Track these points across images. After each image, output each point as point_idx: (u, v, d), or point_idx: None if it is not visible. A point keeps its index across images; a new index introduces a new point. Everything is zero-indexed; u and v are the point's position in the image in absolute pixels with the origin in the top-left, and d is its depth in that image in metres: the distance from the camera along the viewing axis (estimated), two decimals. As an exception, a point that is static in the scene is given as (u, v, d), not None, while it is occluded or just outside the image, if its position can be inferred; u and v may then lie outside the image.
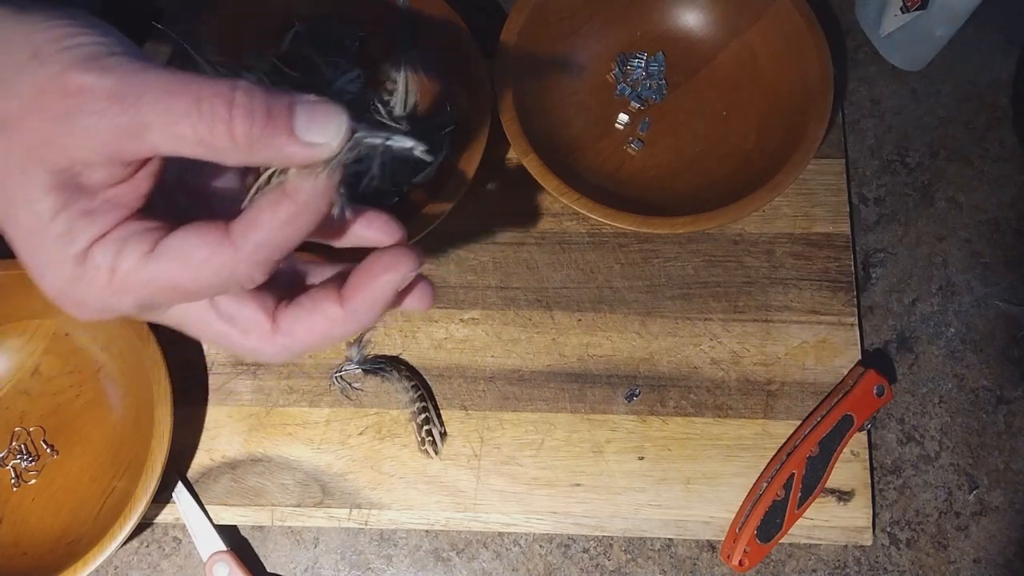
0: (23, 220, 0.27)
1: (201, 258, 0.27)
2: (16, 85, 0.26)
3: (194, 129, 0.26)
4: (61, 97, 0.26)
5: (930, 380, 0.55)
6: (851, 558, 0.51)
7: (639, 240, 0.56)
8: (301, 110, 0.26)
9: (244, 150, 0.26)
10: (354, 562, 0.52)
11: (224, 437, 0.53)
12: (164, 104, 0.25)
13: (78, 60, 0.26)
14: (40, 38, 0.26)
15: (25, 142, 0.26)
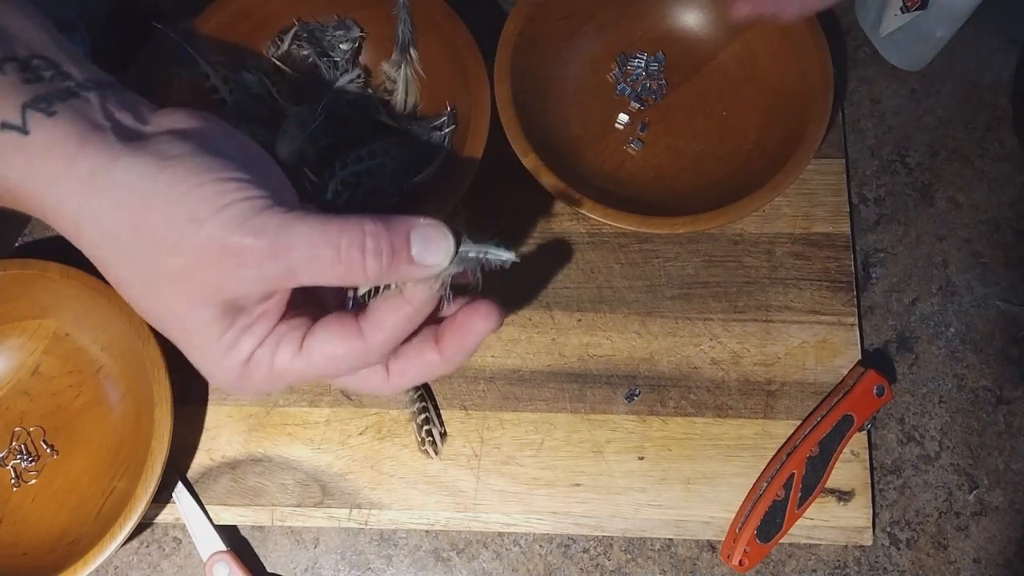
0: (196, 340, 0.33)
1: (341, 355, 0.34)
2: (180, 246, 0.31)
3: (335, 271, 0.32)
4: (223, 256, 0.31)
5: (930, 380, 0.55)
6: (851, 558, 0.51)
7: (639, 240, 0.56)
8: (416, 238, 0.33)
9: (374, 280, 0.33)
10: (354, 562, 0.52)
11: (224, 437, 0.53)
12: (310, 257, 0.31)
13: (233, 224, 0.31)
14: (193, 200, 0.31)
15: (195, 289, 0.32)
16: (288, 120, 0.54)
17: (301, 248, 0.31)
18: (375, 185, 0.53)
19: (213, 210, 0.31)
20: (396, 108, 0.56)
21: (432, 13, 0.54)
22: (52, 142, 0.31)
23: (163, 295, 0.32)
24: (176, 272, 0.31)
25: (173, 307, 0.33)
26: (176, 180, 0.31)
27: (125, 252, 0.32)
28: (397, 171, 0.53)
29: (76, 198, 0.31)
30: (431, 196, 0.51)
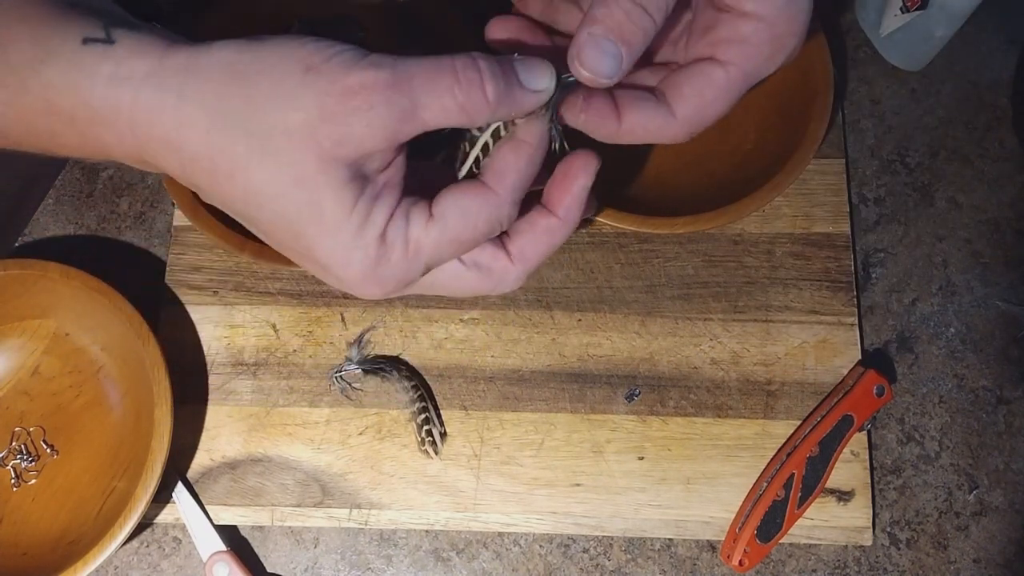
0: (328, 216, 0.31)
1: (475, 210, 0.33)
2: (298, 98, 0.29)
3: (456, 98, 0.30)
4: (346, 97, 0.29)
5: (930, 380, 0.55)
6: (851, 558, 0.51)
7: (639, 240, 0.56)
8: (519, 67, 0.32)
9: (493, 108, 0.31)
10: (354, 562, 0.52)
11: (224, 437, 0.53)
12: (432, 82, 0.30)
13: (350, 63, 0.30)
14: (302, 53, 0.30)
15: (319, 147, 0.30)
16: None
17: (420, 75, 0.30)
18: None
19: (326, 57, 0.30)
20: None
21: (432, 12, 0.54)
22: (139, 45, 0.30)
23: (287, 162, 0.30)
24: (299, 128, 0.30)
25: (300, 174, 0.30)
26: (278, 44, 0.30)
27: (240, 123, 0.30)
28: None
29: (174, 88, 0.30)
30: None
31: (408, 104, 0.30)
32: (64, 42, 0.30)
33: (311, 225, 0.31)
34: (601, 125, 0.35)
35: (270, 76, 0.30)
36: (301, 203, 0.31)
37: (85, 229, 0.58)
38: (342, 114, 0.30)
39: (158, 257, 0.57)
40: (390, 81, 0.30)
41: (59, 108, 0.30)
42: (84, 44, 0.30)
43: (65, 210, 0.59)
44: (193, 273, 0.56)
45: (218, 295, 0.56)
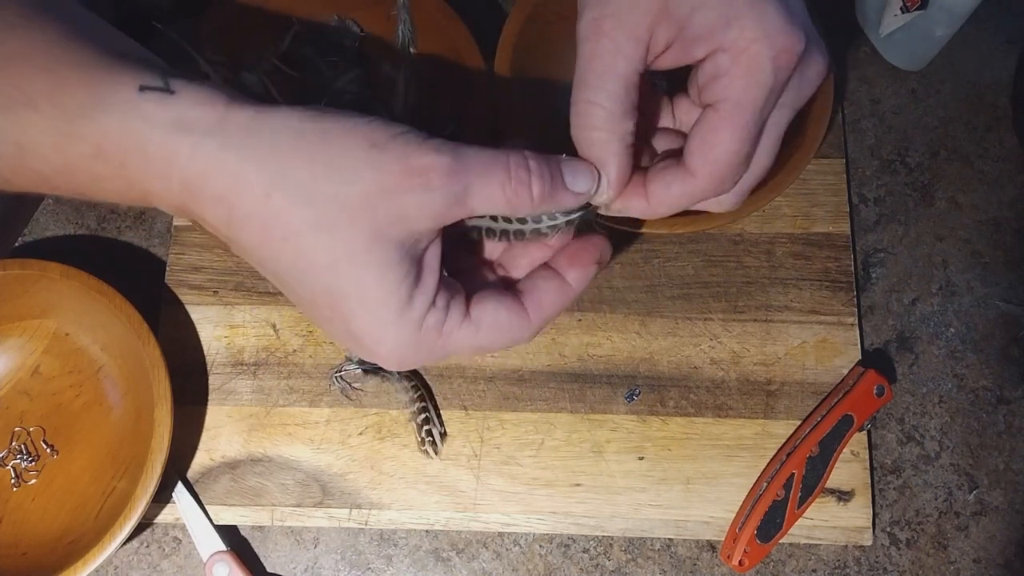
0: (371, 292, 0.31)
1: (507, 328, 0.35)
2: (360, 172, 0.30)
3: (504, 193, 0.33)
4: (407, 176, 0.31)
5: (930, 380, 0.55)
6: (851, 558, 0.51)
7: (639, 240, 0.56)
8: (567, 168, 0.35)
9: (536, 205, 0.34)
10: (354, 562, 0.52)
11: (224, 437, 0.53)
12: (486, 175, 0.32)
13: (413, 144, 0.31)
14: (367, 130, 0.31)
15: (375, 222, 0.31)
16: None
17: (476, 166, 0.32)
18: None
19: (390, 136, 0.31)
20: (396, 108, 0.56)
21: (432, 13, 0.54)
22: (200, 97, 0.30)
23: (341, 235, 0.30)
24: (358, 201, 0.30)
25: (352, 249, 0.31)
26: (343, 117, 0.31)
27: (301, 190, 0.30)
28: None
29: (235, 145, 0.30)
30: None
31: (462, 191, 0.32)
32: (120, 88, 0.30)
33: (352, 300, 0.32)
34: (633, 207, 0.38)
35: (335, 148, 0.30)
36: (348, 277, 0.31)
37: (85, 229, 0.58)
38: (400, 192, 0.31)
39: (158, 257, 0.57)
40: (450, 167, 0.31)
41: (109, 154, 0.30)
42: (141, 92, 0.30)
43: (65, 210, 0.59)
44: (193, 273, 0.56)
45: (218, 295, 0.56)
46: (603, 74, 0.35)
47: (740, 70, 0.34)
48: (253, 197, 0.30)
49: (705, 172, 0.35)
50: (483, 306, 0.35)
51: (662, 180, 0.37)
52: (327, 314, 0.33)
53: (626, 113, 0.36)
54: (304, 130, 0.30)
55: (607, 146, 0.36)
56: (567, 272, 0.37)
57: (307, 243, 0.31)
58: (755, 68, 0.33)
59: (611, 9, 0.35)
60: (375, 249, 0.31)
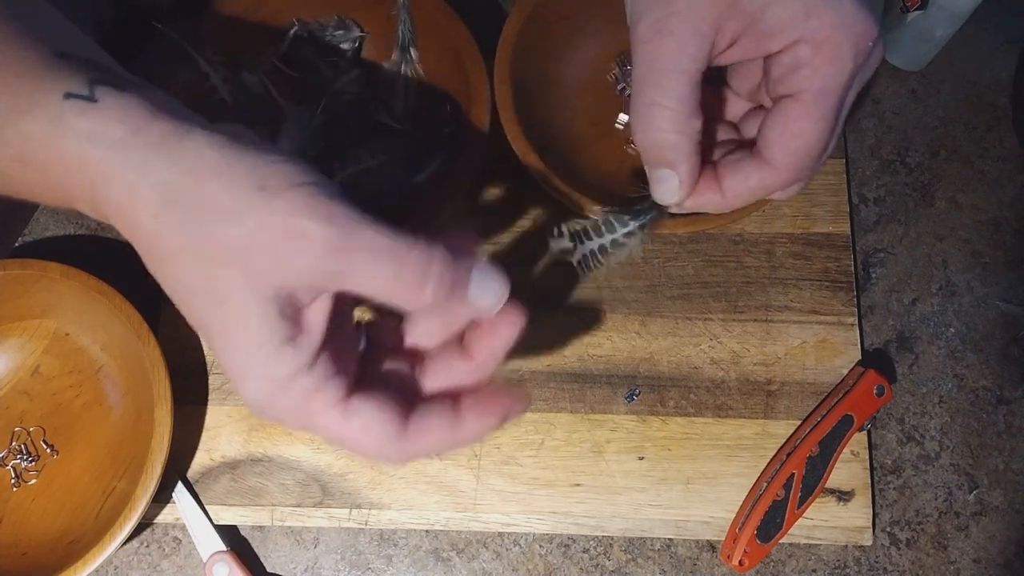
0: (239, 336, 0.30)
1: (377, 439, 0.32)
2: (243, 216, 0.29)
3: (391, 290, 0.30)
4: (286, 236, 0.29)
5: (930, 380, 0.55)
6: (851, 558, 0.51)
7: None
8: (476, 281, 0.31)
9: (423, 309, 0.31)
10: (354, 562, 0.52)
11: (224, 437, 0.53)
12: (372, 264, 0.29)
13: (303, 204, 0.29)
14: (265, 172, 0.29)
15: (248, 269, 0.29)
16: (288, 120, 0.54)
17: (365, 252, 0.29)
18: (375, 185, 0.53)
19: (285, 186, 0.29)
20: (396, 108, 0.56)
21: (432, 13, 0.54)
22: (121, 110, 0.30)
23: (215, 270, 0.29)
24: (234, 245, 0.29)
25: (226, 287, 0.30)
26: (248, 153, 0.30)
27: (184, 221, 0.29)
28: (397, 171, 0.53)
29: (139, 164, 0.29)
30: (431, 196, 0.51)
31: (339, 271, 0.29)
32: (47, 95, 0.30)
33: (222, 338, 0.31)
34: (707, 202, 0.37)
35: (228, 182, 0.29)
36: (219, 315, 0.30)
37: (85, 229, 0.58)
38: (275, 248, 0.29)
39: (158, 257, 0.57)
40: (333, 242, 0.29)
41: (32, 160, 0.31)
42: (65, 99, 0.30)
43: (65, 210, 0.59)
44: (193, 273, 0.56)
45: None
46: (668, 73, 0.35)
47: (823, 60, 0.34)
48: (144, 215, 0.30)
49: (787, 162, 0.35)
50: (365, 402, 0.32)
51: (739, 173, 0.36)
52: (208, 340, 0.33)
53: (693, 112, 0.35)
54: (208, 158, 0.30)
55: (678, 148, 0.35)
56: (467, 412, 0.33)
57: (185, 270, 0.30)
58: (838, 57, 0.34)
59: (675, 7, 0.34)
60: (245, 295, 0.30)
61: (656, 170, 0.37)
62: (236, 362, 0.31)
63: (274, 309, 0.30)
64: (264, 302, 0.30)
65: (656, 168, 0.37)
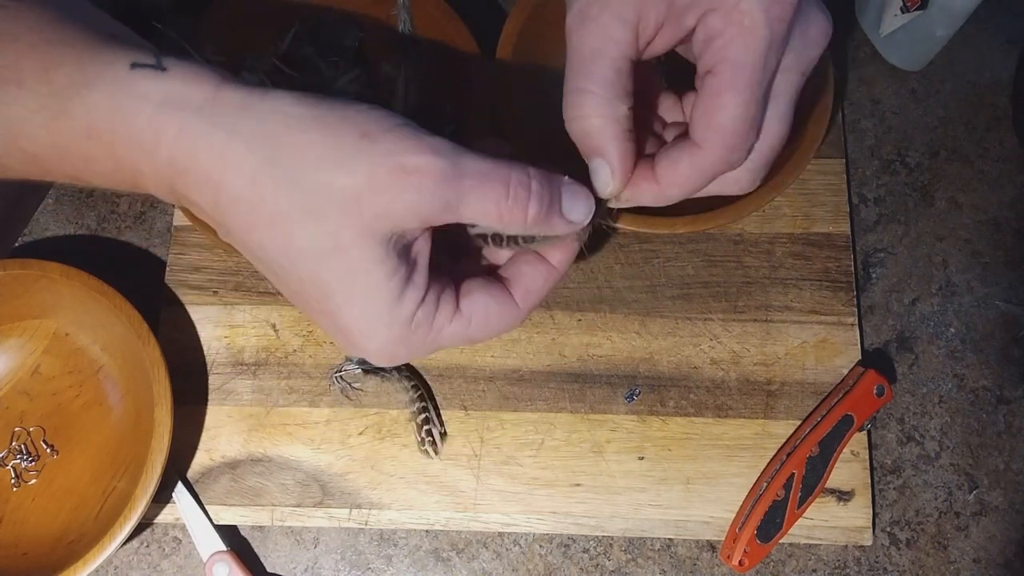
0: (360, 286, 0.31)
1: (497, 320, 0.35)
2: (352, 163, 0.29)
3: (498, 209, 0.31)
4: (397, 175, 0.29)
5: (930, 380, 0.55)
6: (851, 558, 0.51)
7: (639, 240, 0.56)
8: (566, 194, 0.34)
9: (528, 226, 0.33)
10: (354, 562, 0.52)
11: (224, 437, 0.53)
12: (482, 188, 0.31)
13: (411, 141, 0.30)
14: (363, 119, 0.30)
15: (363, 217, 0.29)
16: (288, 120, 0.54)
17: (474, 177, 0.31)
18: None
19: (386, 128, 0.30)
20: (396, 108, 0.56)
21: (432, 13, 0.54)
22: (192, 75, 0.30)
23: (329, 226, 0.29)
24: (346, 193, 0.29)
25: (340, 240, 0.29)
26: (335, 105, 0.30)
27: (289, 175, 0.29)
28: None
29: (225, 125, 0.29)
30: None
31: (454, 199, 0.30)
32: (111, 66, 0.30)
33: (342, 292, 0.31)
34: (643, 193, 0.36)
35: (326, 134, 0.29)
36: (337, 269, 0.30)
37: (85, 229, 0.58)
38: (390, 189, 0.29)
39: (158, 257, 0.57)
40: (445, 173, 0.30)
41: (99, 132, 0.30)
42: (132, 69, 0.29)
43: (65, 210, 0.59)
44: (193, 273, 0.56)
45: (218, 295, 0.56)
46: (592, 59, 0.34)
47: (734, 28, 0.32)
48: (241, 179, 0.29)
49: (712, 141, 0.34)
50: (472, 298, 0.34)
51: (671, 159, 0.35)
52: (316, 306, 0.32)
53: (619, 97, 0.34)
54: (297, 115, 0.29)
55: (603, 132, 0.35)
56: (550, 255, 0.36)
57: (294, 229, 0.30)
58: (749, 23, 0.32)
59: None
60: (363, 243, 0.30)
61: (591, 161, 0.36)
62: (360, 315, 0.31)
63: (392, 251, 0.30)
64: (383, 245, 0.30)
65: (590, 159, 0.36)
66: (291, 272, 0.31)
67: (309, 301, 0.32)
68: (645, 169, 0.36)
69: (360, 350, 0.33)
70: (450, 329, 0.34)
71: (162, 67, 0.30)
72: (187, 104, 0.29)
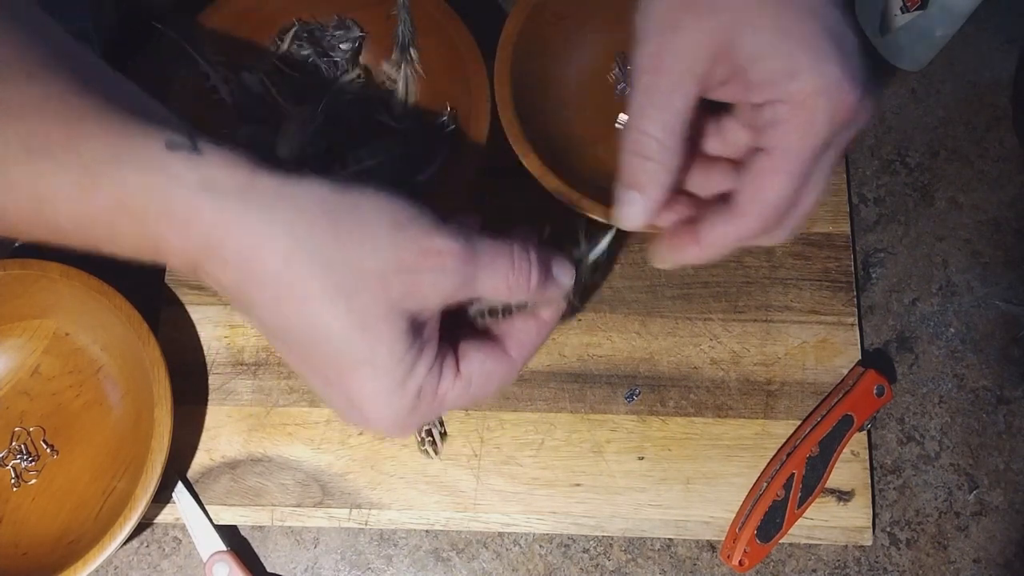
0: (380, 363, 0.33)
1: (496, 374, 0.37)
2: (383, 249, 0.32)
3: (507, 281, 0.35)
4: (422, 256, 0.32)
5: (930, 380, 0.55)
6: (851, 558, 0.51)
7: (639, 240, 0.56)
8: (555, 263, 0.38)
9: (530, 294, 0.37)
10: (354, 562, 0.52)
11: (224, 437, 0.53)
12: (493, 263, 0.35)
13: (433, 228, 0.33)
14: (392, 208, 0.33)
15: (390, 296, 0.32)
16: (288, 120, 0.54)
17: (486, 255, 0.34)
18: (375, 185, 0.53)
19: (411, 216, 0.33)
20: (396, 108, 0.56)
21: (432, 13, 0.54)
22: (228, 160, 0.31)
23: (358, 305, 0.32)
24: (376, 275, 0.32)
25: (367, 318, 0.32)
26: (368, 195, 0.32)
27: (323, 258, 0.31)
28: (397, 171, 0.53)
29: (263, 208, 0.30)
30: (431, 196, 0.51)
31: (471, 276, 0.34)
32: (144, 143, 0.30)
33: (362, 368, 0.33)
34: (684, 254, 0.39)
35: (361, 223, 0.32)
36: (359, 346, 0.32)
37: (85, 229, 0.58)
38: (416, 270, 0.32)
39: (158, 257, 0.57)
40: (463, 253, 0.33)
41: (131, 208, 0.30)
42: (168, 148, 0.30)
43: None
44: (193, 273, 0.56)
45: (218, 295, 0.55)
46: (661, 108, 0.36)
47: (797, 122, 0.34)
48: (275, 260, 0.31)
49: (756, 214, 0.37)
50: (470, 359, 0.37)
51: (713, 223, 0.38)
52: (329, 379, 0.34)
53: (677, 147, 0.37)
54: (333, 201, 0.32)
55: (654, 176, 0.37)
56: (539, 308, 0.39)
57: (323, 309, 0.32)
58: (812, 122, 0.34)
59: (672, 46, 0.36)
60: (389, 320, 0.32)
61: (627, 192, 0.39)
62: (374, 390, 0.33)
63: (411, 328, 0.33)
64: (403, 322, 0.33)
65: (627, 189, 0.39)
66: (311, 348, 0.33)
67: (322, 375, 0.34)
68: (687, 230, 0.39)
69: (370, 423, 0.35)
70: (453, 393, 0.36)
71: (197, 149, 0.30)
72: (224, 188, 0.30)
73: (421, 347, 0.34)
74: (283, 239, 0.31)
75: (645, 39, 0.37)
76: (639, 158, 0.37)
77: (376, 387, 0.33)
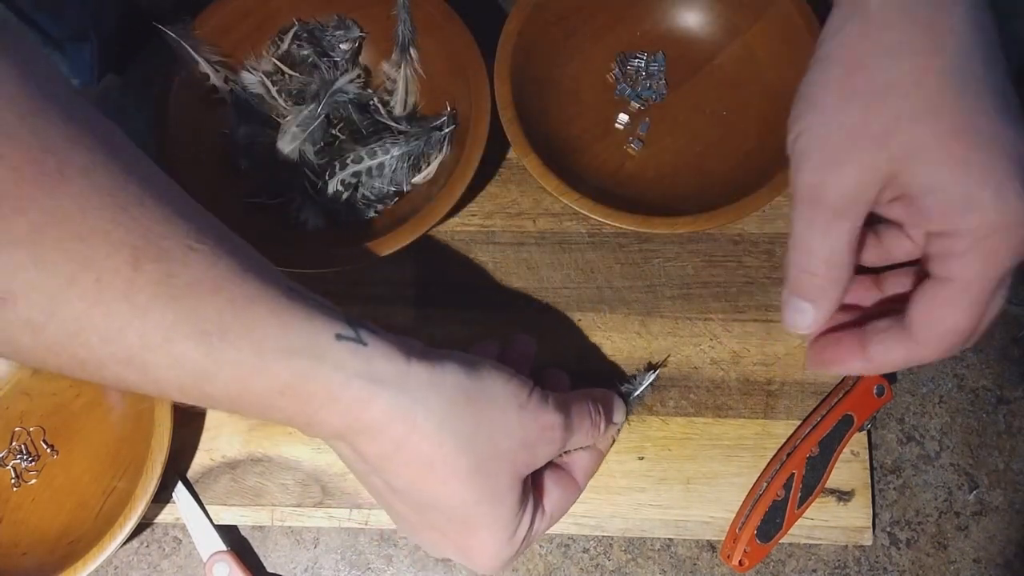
0: (501, 523, 0.38)
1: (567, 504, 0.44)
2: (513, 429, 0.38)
3: (590, 435, 0.44)
4: (541, 431, 0.39)
5: (930, 380, 0.55)
6: (851, 558, 0.51)
7: (639, 240, 0.56)
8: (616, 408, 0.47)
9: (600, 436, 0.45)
10: (354, 562, 0.52)
11: (224, 437, 0.53)
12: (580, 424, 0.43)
13: (543, 405, 0.39)
14: (513, 390, 0.38)
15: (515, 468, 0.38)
16: (288, 120, 0.54)
17: (576, 418, 0.42)
18: (375, 185, 0.53)
19: (527, 396, 0.39)
20: (396, 108, 0.56)
21: (432, 13, 0.54)
22: (387, 350, 0.35)
23: (492, 479, 0.37)
24: (507, 453, 0.37)
25: (497, 489, 0.37)
26: (492, 376, 0.38)
27: (466, 440, 0.36)
28: (397, 171, 0.53)
29: (417, 398, 0.35)
30: (431, 196, 0.51)
31: (568, 439, 0.41)
32: (318, 336, 0.33)
33: (486, 528, 0.38)
34: (849, 366, 0.40)
35: (494, 407, 0.37)
36: (488, 511, 0.38)
37: (85, 229, 0.58)
38: (535, 444, 0.39)
39: (158, 257, 0.57)
40: (564, 423, 0.40)
41: (296, 392, 0.33)
42: (337, 340, 0.34)
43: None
44: (193, 273, 0.56)
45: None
46: (823, 242, 0.36)
47: (979, 256, 0.34)
48: (426, 443, 0.35)
49: (932, 343, 0.36)
50: (550, 495, 0.43)
51: (883, 344, 0.38)
52: (447, 535, 0.39)
53: (843, 276, 0.37)
54: (470, 387, 0.37)
55: (825, 294, 0.38)
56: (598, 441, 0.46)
57: (463, 487, 0.36)
58: (994, 257, 0.33)
59: (833, 177, 0.35)
60: (513, 489, 0.38)
61: (796, 300, 0.38)
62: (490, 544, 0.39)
63: (524, 490, 0.39)
64: (519, 486, 0.39)
65: (797, 299, 0.38)
66: (440, 513, 0.38)
67: (442, 532, 0.39)
68: (854, 345, 0.39)
69: (476, 568, 0.40)
70: (538, 527, 0.41)
71: (362, 340, 0.34)
72: (384, 377, 0.35)
73: (526, 502, 0.40)
74: (432, 424, 0.35)
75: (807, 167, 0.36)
76: (807, 274, 0.37)
77: (493, 543, 0.39)
